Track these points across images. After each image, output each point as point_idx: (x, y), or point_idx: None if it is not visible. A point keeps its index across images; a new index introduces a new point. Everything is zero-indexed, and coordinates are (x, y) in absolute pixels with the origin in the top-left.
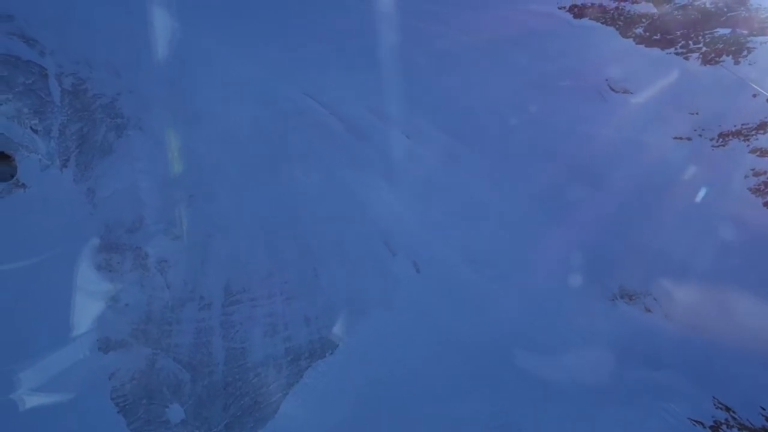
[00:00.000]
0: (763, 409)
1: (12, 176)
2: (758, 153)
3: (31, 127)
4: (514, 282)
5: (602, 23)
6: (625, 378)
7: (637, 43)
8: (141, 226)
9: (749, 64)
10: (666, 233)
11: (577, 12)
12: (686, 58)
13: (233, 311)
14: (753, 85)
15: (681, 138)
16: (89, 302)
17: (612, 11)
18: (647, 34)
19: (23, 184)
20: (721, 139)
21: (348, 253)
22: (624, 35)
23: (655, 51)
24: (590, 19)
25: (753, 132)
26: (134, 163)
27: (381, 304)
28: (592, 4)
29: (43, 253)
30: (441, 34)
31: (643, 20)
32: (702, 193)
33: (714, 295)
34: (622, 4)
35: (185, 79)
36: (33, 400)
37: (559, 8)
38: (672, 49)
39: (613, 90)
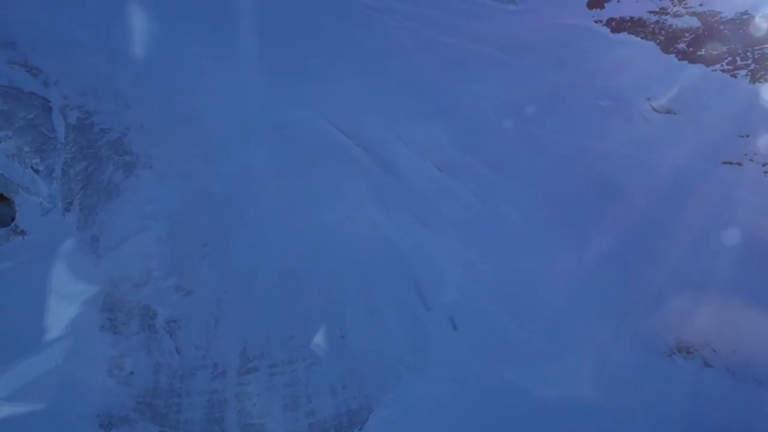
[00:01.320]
0: None
1: (11, 220)
2: None
3: (32, 167)
4: (562, 337)
5: (642, 38)
6: None
7: (679, 60)
8: (149, 280)
9: None
10: (722, 272)
11: (615, 26)
12: (734, 76)
13: (250, 380)
14: None
15: (731, 163)
16: (89, 371)
17: (652, 25)
18: (691, 49)
19: (22, 231)
20: None
21: (378, 308)
22: (665, 51)
23: (700, 68)
24: (629, 33)
25: None
26: (143, 207)
27: (415, 367)
28: (631, 17)
29: (43, 312)
30: (469, 50)
31: (686, 35)
32: (759, 226)
33: None
34: (663, 17)
35: (199, 111)
36: None
37: (595, 22)
38: (718, 66)
39: (655, 110)
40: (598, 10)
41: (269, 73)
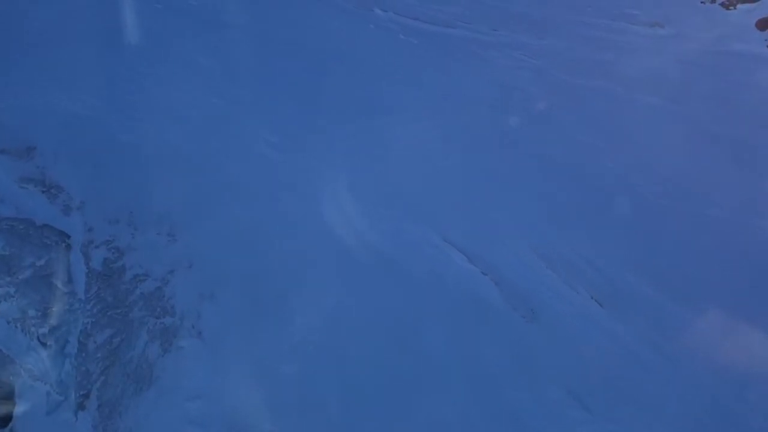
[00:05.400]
0: None
1: (8, 420)
2: None
3: (38, 338)
4: None
5: None
6: None
7: None
8: None
9: None
10: None
11: None
12: None
13: None
14: None
15: None
16: None
17: None
18: None
19: None
20: None
21: None
22: None
23: None
24: None
25: None
26: (185, 405)
27: None
28: None
29: None
30: (611, 95)
31: None
32: None
33: None
34: None
35: (269, 237)
36: None
37: None
38: None
39: None
40: None
41: (368, 194)
